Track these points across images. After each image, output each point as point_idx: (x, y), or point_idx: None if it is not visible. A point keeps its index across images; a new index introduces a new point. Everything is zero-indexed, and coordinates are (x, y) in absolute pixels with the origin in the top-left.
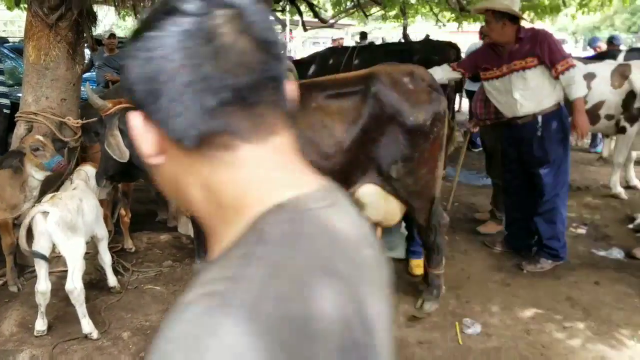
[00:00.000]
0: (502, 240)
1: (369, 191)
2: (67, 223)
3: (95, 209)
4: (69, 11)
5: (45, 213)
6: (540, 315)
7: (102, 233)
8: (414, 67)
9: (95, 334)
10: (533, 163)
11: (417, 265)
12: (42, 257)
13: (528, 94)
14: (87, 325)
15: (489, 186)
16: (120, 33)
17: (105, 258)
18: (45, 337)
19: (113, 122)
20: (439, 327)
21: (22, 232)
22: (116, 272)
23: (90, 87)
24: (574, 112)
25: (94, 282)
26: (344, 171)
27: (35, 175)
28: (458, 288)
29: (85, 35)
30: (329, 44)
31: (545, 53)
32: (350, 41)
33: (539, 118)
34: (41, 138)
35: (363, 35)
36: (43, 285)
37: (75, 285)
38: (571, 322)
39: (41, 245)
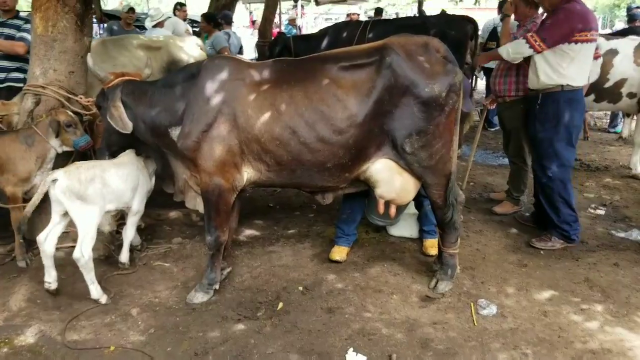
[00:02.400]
0: (532, 218)
1: (383, 166)
2: (75, 192)
3: (132, 181)
4: None
5: (54, 180)
6: (558, 297)
7: (136, 208)
8: (429, 38)
9: (104, 300)
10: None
11: (432, 246)
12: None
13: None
14: (95, 291)
15: (506, 165)
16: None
17: (128, 232)
18: (54, 313)
19: (115, 94)
20: (453, 307)
21: (36, 198)
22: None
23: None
24: None
25: (102, 259)
26: (358, 146)
27: (58, 149)
28: (473, 268)
29: (93, 6)
30: (342, 20)
31: None
32: (364, 18)
33: (540, 95)
34: (73, 115)
35: (378, 11)
36: (43, 236)
37: (83, 253)
38: (589, 304)
39: (55, 210)
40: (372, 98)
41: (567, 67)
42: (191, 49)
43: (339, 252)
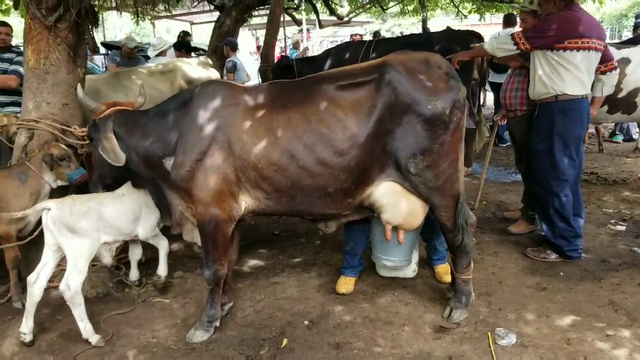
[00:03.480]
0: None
1: (388, 190)
2: (65, 223)
3: (133, 213)
4: (67, 11)
5: (47, 209)
6: (581, 323)
7: (143, 235)
8: (430, 54)
9: (94, 340)
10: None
11: (445, 272)
12: None
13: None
14: (84, 330)
15: (519, 182)
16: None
17: (162, 244)
18: (47, 357)
19: (107, 125)
20: (469, 338)
21: (25, 212)
22: (124, 285)
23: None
24: None
25: (101, 296)
26: (360, 168)
27: (53, 184)
28: (489, 294)
29: (86, 36)
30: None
31: None
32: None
33: (537, 105)
34: (66, 148)
35: (376, 34)
36: (33, 276)
37: (69, 285)
38: (615, 329)
39: (47, 242)
40: (373, 117)
41: (560, 75)
42: (202, 69)
43: (345, 284)
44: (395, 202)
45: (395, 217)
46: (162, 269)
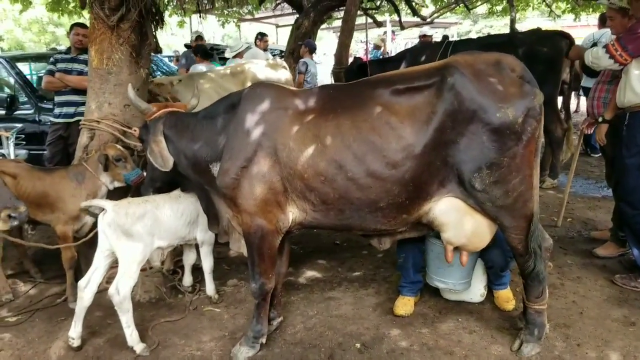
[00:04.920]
0: None
1: (450, 206)
2: (120, 226)
3: (189, 216)
4: (129, 11)
5: (103, 211)
6: None
7: (202, 237)
8: (501, 55)
9: (139, 349)
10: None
11: (507, 300)
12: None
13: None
14: (130, 337)
15: (611, 198)
16: (229, 41)
17: (205, 264)
18: None
19: (157, 127)
20: None
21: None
22: (177, 290)
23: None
24: None
25: (154, 302)
26: (416, 182)
27: (109, 186)
28: (567, 326)
29: (149, 37)
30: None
31: None
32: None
33: (627, 114)
34: (122, 149)
35: (444, 38)
36: (84, 281)
37: (119, 290)
38: None
39: (100, 245)
40: (432, 125)
41: None
42: (271, 70)
43: (404, 305)
44: (458, 220)
45: (457, 237)
46: (209, 289)
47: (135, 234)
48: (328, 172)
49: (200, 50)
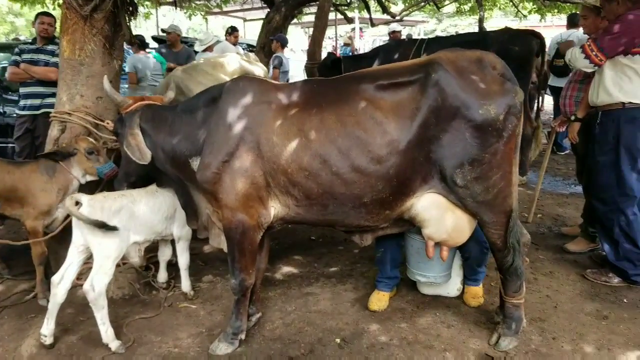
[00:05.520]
0: None
1: (431, 202)
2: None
3: (166, 210)
4: (103, 1)
5: (78, 204)
6: None
7: (179, 233)
8: (483, 52)
9: (114, 346)
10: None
11: (474, 296)
12: None
13: None
14: (105, 334)
15: (579, 194)
16: (191, 33)
17: (181, 260)
18: None
19: (133, 120)
20: None
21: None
22: (151, 287)
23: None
24: None
25: (127, 298)
26: (400, 177)
27: (81, 179)
28: (542, 320)
29: (123, 28)
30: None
31: None
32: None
33: (599, 113)
34: (94, 142)
35: (408, 37)
36: (57, 277)
37: (93, 286)
38: None
39: (74, 240)
40: (416, 121)
41: (629, 82)
42: (253, 64)
43: (378, 301)
44: (439, 216)
45: (438, 233)
46: (185, 285)
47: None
48: (312, 166)
49: (139, 40)
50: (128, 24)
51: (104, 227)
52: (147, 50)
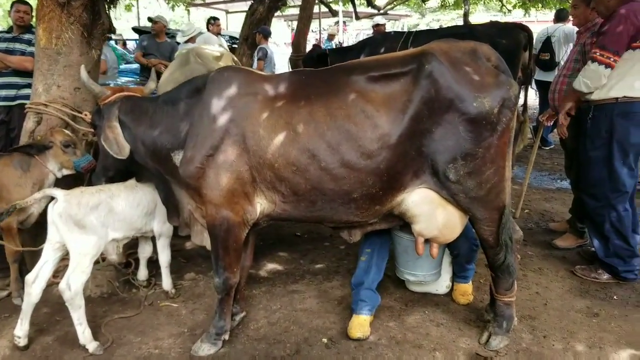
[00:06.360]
0: None
1: (422, 198)
2: (72, 217)
3: (146, 206)
4: None
5: (53, 200)
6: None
7: (159, 229)
8: (477, 44)
9: (91, 347)
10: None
11: (463, 293)
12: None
13: None
14: (82, 335)
15: (565, 189)
16: (172, 25)
17: (162, 257)
18: None
19: (112, 112)
20: None
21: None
22: (131, 285)
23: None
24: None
25: (106, 297)
26: (391, 172)
27: (57, 174)
28: (533, 318)
29: (102, 16)
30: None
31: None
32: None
33: (591, 107)
34: (71, 134)
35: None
36: (32, 276)
37: (69, 285)
38: None
39: (50, 238)
40: (408, 114)
41: (623, 76)
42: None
43: (360, 326)
44: (430, 212)
45: (429, 229)
46: (166, 283)
47: (88, 226)
48: (300, 161)
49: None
50: (107, 12)
51: None
52: (127, 41)
